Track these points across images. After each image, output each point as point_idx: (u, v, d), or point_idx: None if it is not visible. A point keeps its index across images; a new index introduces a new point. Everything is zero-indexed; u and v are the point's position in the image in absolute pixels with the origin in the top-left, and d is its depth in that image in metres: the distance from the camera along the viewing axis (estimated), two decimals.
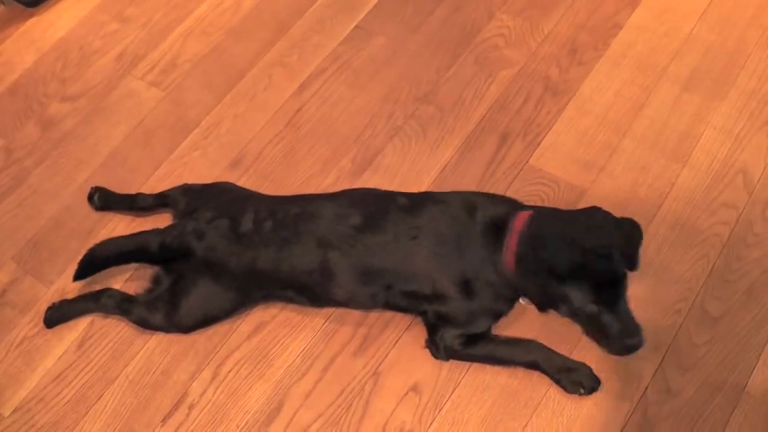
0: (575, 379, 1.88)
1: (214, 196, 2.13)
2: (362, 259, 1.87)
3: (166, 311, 2.02)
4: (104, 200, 2.30)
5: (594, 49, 2.45)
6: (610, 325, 1.73)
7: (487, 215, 1.85)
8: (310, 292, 1.96)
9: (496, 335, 1.95)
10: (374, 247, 1.86)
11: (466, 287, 1.84)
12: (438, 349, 1.93)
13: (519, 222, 1.80)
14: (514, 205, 1.92)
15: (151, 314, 2.03)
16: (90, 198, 2.31)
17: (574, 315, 1.77)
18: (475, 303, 1.87)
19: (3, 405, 2.03)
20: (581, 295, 1.70)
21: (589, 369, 1.89)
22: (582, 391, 1.88)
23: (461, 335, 1.91)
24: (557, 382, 1.89)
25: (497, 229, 1.82)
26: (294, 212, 1.93)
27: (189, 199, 2.16)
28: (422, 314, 1.96)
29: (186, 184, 2.25)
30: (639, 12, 2.52)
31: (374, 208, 1.91)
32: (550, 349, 1.92)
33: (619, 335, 1.74)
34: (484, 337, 1.93)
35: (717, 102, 2.30)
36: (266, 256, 1.91)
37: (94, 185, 2.34)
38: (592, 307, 1.72)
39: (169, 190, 2.24)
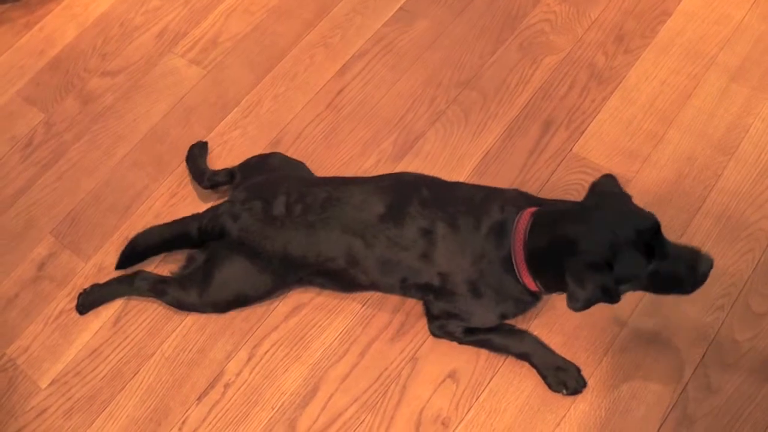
0: (561, 379, 1.88)
1: (264, 172, 2.12)
2: (382, 250, 1.85)
3: (199, 287, 2.02)
4: (193, 159, 2.33)
5: (641, 37, 2.41)
6: (676, 270, 1.66)
7: (493, 219, 1.79)
8: (338, 278, 1.95)
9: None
10: (393, 240, 1.83)
11: (475, 287, 1.82)
12: (439, 330, 1.94)
13: (520, 229, 1.74)
14: (521, 203, 1.83)
15: (186, 292, 2.04)
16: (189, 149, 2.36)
17: (637, 286, 1.69)
18: (483, 303, 1.84)
19: (40, 377, 2.05)
20: (635, 264, 1.63)
21: (577, 370, 1.89)
22: (565, 391, 1.87)
23: (464, 326, 1.92)
24: (544, 378, 1.89)
25: (501, 233, 1.77)
26: (323, 196, 1.91)
27: (243, 176, 2.16)
28: (427, 302, 1.95)
29: (248, 159, 2.25)
30: None
31: (397, 198, 1.87)
32: (543, 344, 1.92)
33: (689, 272, 1.67)
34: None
35: (766, 93, 2.25)
36: (297, 241, 1.91)
37: (198, 141, 2.38)
38: (650, 268, 1.64)
39: (234, 167, 2.23)
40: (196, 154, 2.34)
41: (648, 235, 1.64)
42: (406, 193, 1.88)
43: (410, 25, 2.55)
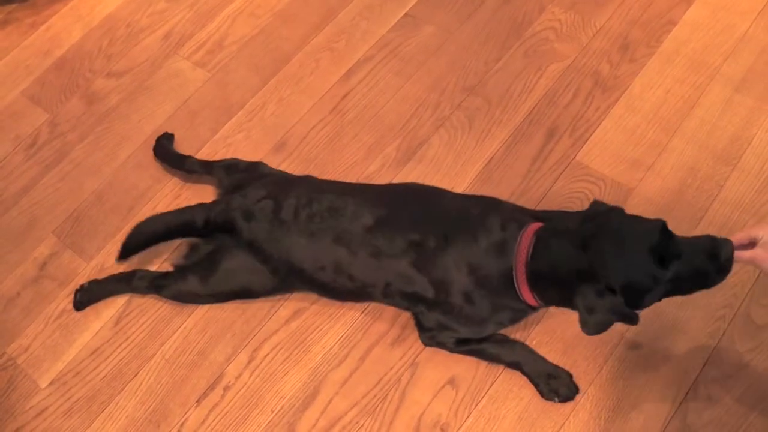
0: (553, 387, 1.87)
1: (255, 178, 2.12)
2: (366, 256, 1.84)
3: (202, 274, 2.01)
4: (162, 147, 2.37)
5: (646, 46, 2.41)
6: (697, 265, 1.58)
7: (493, 234, 1.77)
8: (328, 288, 1.94)
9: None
10: (379, 248, 1.82)
11: (470, 298, 1.80)
12: (430, 341, 1.94)
13: (523, 248, 1.71)
14: (522, 221, 1.80)
15: (186, 280, 2.03)
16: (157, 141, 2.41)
17: (660, 296, 1.63)
18: (478, 313, 1.83)
19: (40, 377, 2.05)
20: (651, 278, 1.56)
21: (569, 378, 1.88)
22: (557, 399, 1.87)
23: (455, 337, 1.91)
24: (536, 386, 1.89)
25: (502, 250, 1.74)
26: (325, 205, 1.91)
27: (231, 179, 2.16)
28: (417, 313, 1.94)
29: (233, 160, 2.25)
30: (694, 9, 2.47)
31: (389, 209, 1.87)
32: (534, 353, 1.91)
33: (711, 263, 1.58)
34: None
35: None
36: (299, 247, 1.91)
37: (165, 131, 2.42)
38: (669, 274, 1.58)
39: (217, 162, 2.25)
40: (166, 144, 2.38)
41: (657, 243, 1.58)
42: (399, 205, 1.88)
43: (416, 30, 2.56)
